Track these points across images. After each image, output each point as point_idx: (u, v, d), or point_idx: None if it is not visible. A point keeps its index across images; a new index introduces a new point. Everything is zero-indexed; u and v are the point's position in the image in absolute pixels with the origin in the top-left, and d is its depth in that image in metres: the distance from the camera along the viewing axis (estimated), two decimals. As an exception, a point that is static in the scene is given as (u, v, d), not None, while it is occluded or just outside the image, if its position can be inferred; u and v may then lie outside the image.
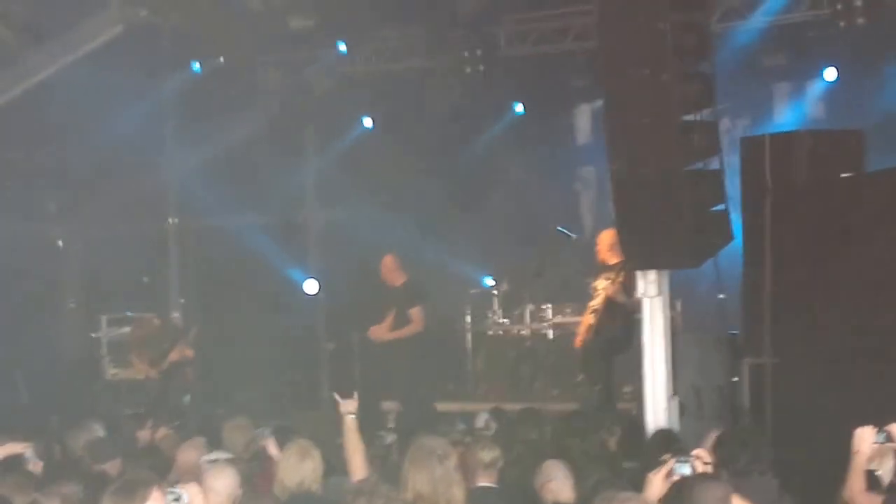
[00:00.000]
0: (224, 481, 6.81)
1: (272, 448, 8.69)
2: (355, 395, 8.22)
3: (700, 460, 6.17)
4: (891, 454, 7.21)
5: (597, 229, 13.56)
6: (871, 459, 7.14)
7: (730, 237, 10.51)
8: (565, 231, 13.83)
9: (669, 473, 6.11)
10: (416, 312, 14.21)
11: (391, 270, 14.44)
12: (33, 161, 16.61)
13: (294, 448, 7.75)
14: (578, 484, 7.70)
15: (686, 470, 6.11)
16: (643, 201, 9.97)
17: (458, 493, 6.39)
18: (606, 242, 12.90)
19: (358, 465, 7.57)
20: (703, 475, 6.07)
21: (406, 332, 14.20)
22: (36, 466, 8.38)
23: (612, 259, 12.76)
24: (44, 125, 16.18)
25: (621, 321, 12.62)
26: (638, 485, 6.42)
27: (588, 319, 13.04)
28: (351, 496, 5.77)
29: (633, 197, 10.04)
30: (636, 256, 10.38)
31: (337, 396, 8.25)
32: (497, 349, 16.11)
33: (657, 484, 6.11)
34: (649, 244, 10.10)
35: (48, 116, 16.00)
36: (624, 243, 10.53)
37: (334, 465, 8.31)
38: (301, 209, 18.46)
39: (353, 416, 7.96)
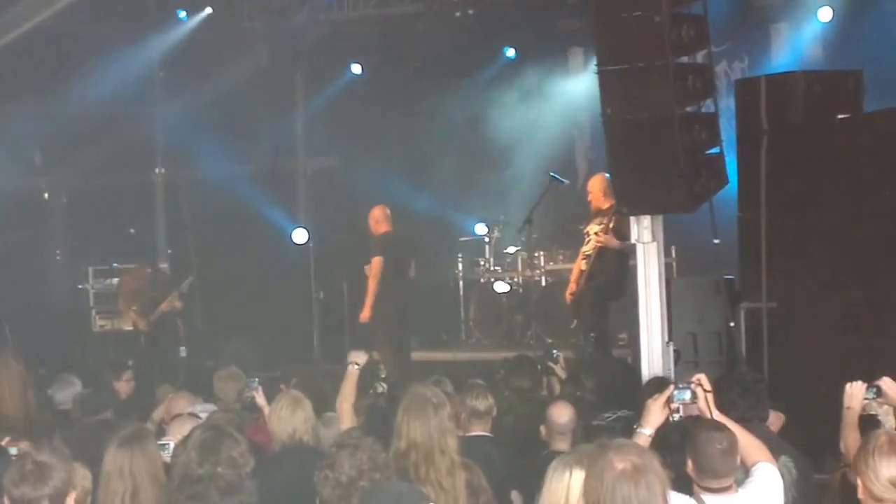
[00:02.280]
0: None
1: (259, 399, 8.62)
2: (368, 352, 8.25)
3: (700, 387, 6.01)
4: (890, 415, 7.11)
5: (590, 175, 13.39)
6: (874, 408, 7.06)
7: (725, 181, 10.36)
8: (557, 177, 13.66)
9: (669, 400, 5.97)
10: (374, 262, 14.05)
11: (376, 220, 14.28)
12: (17, 113, 16.39)
13: (285, 399, 7.66)
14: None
15: (686, 395, 5.95)
16: (637, 145, 9.81)
17: (452, 442, 6.28)
18: (597, 187, 12.79)
19: (346, 414, 7.45)
20: (710, 423, 5.92)
21: (371, 285, 14.05)
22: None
23: (604, 204, 12.65)
24: (28, 76, 15.98)
25: (615, 267, 12.53)
26: (632, 433, 6.29)
27: (580, 266, 12.94)
28: (334, 449, 5.63)
29: (626, 141, 9.88)
30: (630, 201, 10.23)
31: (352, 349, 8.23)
32: (489, 297, 15.98)
33: (656, 411, 5.95)
34: (643, 189, 9.95)
35: (33, 68, 15.80)
36: (617, 188, 10.43)
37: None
38: (290, 158, 18.27)
39: (358, 367, 7.93)
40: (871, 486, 5.34)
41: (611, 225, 12.48)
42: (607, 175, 12.44)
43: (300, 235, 15.79)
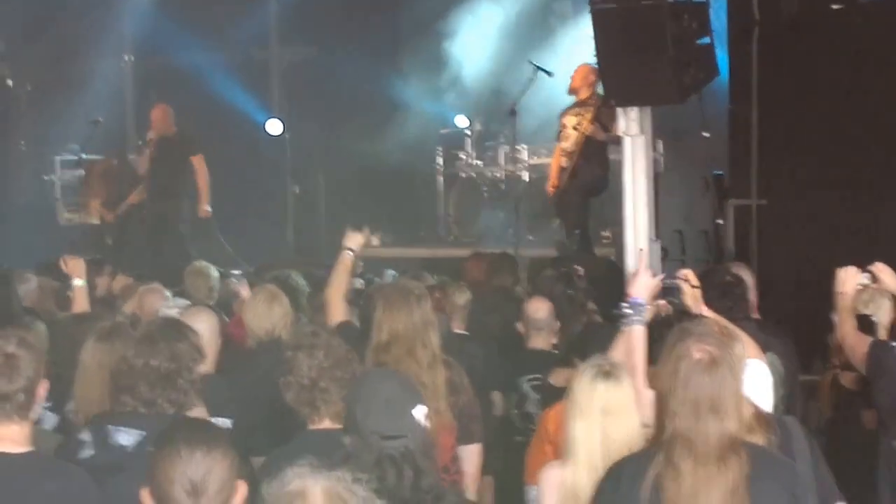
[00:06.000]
0: (205, 325, 6.34)
1: (245, 292, 8.27)
2: (367, 232, 7.39)
3: (687, 282, 5.80)
4: (885, 298, 6.92)
5: (574, 65, 13.04)
6: (866, 303, 6.87)
7: (715, 72, 10.12)
8: (541, 67, 13.29)
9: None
10: (198, 161, 13.76)
11: (172, 119, 13.96)
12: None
13: (262, 294, 7.33)
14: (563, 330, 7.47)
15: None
16: (624, 34, 9.57)
17: (434, 336, 6.00)
18: (581, 77, 12.45)
19: (336, 305, 7.06)
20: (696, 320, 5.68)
21: (203, 187, 13.80)
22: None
23: (583, 94, 12.36)
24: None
25: (598, 163, 12.27)
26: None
27: (559, 162, 12.64)
28: (290, 352, 5.32)
29: (613, 30, 9.64)
30: (617, 92, 10.01)
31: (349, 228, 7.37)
32: (470, 192, 15.66)
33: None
34: (631, 79, 9.72)
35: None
36: (605, 79, 10.20)
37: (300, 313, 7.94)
38: (263, 47, 17.82)
39: (353, 253, 7.15)
40: None
41: (588, 115, 12.20)
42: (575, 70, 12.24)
43: (274, 126, 15.43)
